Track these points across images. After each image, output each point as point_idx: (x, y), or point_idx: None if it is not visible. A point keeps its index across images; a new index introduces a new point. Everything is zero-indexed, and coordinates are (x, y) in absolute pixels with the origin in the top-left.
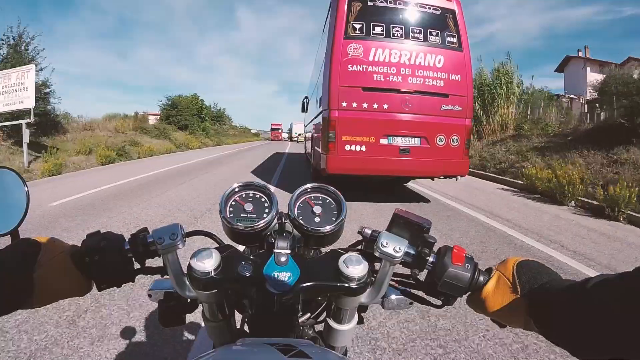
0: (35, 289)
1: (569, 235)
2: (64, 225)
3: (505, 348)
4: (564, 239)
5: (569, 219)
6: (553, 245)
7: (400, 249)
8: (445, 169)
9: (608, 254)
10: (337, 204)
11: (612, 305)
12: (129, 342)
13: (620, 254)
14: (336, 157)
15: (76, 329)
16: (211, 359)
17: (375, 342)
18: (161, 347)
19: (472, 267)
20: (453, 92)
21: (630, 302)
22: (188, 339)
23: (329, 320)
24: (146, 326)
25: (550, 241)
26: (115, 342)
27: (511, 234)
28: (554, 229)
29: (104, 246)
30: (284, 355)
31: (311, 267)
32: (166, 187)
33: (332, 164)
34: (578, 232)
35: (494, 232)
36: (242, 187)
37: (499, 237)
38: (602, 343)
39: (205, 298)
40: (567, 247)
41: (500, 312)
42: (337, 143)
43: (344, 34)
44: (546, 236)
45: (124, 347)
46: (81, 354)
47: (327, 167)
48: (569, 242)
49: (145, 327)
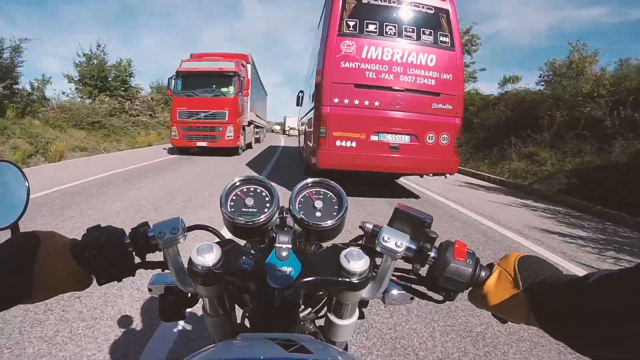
0: (35, 283)
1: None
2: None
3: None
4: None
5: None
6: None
7: (402, 244)
8: (434, 167)
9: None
10: (338, 199)
11: (613, 300)
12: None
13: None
14: (327, 153)
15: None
16: (211, 354)
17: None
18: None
19: (473, 263)
20: (444, 91)
21: (630, 298)
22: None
23: (329, 315)
24: (145, 320)
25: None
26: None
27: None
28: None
29: (104, 240)
30: (285, 350)
31: (312, 262)
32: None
33: (323, 159)
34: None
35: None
36: (243, 181)
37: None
38: (602, 338)
39: (206, 292)
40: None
41: (502, 307)
42: (328, 138)
43: (338, 30)
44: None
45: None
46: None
47: (318, 162)
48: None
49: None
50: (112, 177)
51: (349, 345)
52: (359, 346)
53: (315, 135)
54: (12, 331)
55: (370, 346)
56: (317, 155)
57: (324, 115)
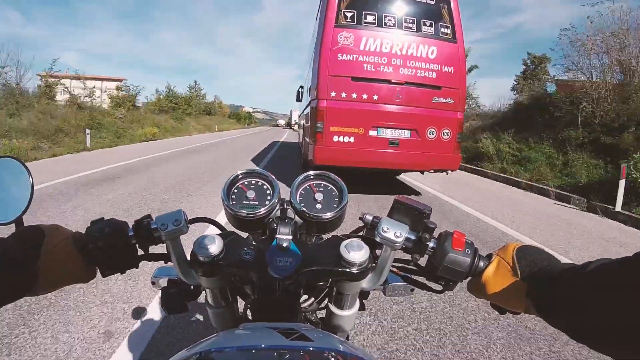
0: (40, 276)
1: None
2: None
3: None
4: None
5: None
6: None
7: (401, 235)
8: (435, 163)
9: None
10: (339, 191)
11: (612, 288)
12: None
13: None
14: (324, 148)
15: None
16: (213, 342)
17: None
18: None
19: (472, 252)
20: (445, 85)
21: (629, 286)
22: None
23: (330, 305)
24: (148, 312)
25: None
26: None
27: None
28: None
29: (108, 233)
30: (285, 339)
31: (313, 252)
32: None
33: (320, 155)
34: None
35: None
36: (244, 174)
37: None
38: (599, 326)
39: (209, 284)
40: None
41: (501, 296)
42: (325, 134)
43: (335, 22)
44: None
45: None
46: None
47: (315, 157)
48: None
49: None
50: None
51: (351, 336)
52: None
53: (312, 130)
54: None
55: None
56: (313, 151)
57: (321, 110)
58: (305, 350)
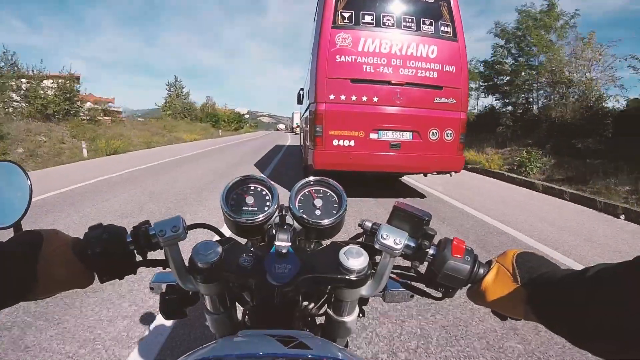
0: (38, 281)
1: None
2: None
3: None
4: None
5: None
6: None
7: (401, 241)
8: (438, 165)
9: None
10: (338, 198)
11: (611, 294)
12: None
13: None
14: (324, 153)
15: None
16: (211, 350)
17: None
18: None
19: (471, 259)
20: (447, 84)
21: (629, 291)
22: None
23: (329, 312)
24: (145, 318)
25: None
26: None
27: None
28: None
29: (106, 238)
30: (284, 346)
31: (311, 259)
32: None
33: (320, 160)
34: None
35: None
36: (243, 180)
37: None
38: (600, 332)
39: (207, 290)
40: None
41: (501, 303)
42: (325, 137)
43: (332, 23)
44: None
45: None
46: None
47: (315, 162)
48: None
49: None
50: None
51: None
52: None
53: (311, 134)
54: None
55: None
56: (313, 156)
57: (320, 113)
58: (304, 359)
